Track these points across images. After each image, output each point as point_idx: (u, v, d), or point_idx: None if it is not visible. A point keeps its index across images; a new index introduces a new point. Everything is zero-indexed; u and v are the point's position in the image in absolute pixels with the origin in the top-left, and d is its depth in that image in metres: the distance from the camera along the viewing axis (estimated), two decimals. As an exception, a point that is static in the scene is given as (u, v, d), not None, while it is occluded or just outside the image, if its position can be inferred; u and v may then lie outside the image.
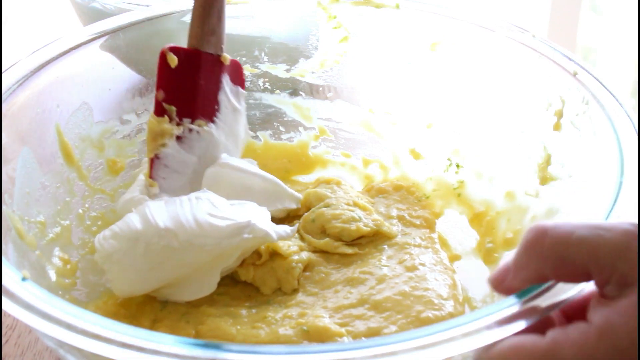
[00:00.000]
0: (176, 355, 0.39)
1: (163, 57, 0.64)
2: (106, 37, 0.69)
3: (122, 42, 0.70)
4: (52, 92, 0.65)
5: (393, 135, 0.76)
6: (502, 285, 0.43)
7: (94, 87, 0.69)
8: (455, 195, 0.71)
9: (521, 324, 0.40)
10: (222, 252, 0.59)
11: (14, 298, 0.43)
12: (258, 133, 0.79)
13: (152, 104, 0.73)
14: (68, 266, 0.62)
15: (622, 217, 0.47)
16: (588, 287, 0.41)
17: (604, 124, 0.56)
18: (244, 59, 0.77)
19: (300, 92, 0.79)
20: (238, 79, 0.69)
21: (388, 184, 0.74)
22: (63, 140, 0.66)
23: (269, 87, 0.78)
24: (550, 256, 0.41)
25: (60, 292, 0.59)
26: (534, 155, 0.64)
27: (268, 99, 0.79)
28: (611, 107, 0.57)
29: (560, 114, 0.62)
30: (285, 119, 0.79)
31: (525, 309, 0.41)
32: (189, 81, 0.65)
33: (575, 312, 0.42)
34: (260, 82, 0.78)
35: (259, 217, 0.61)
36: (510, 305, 0.41)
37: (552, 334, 0.40)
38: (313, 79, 0.78)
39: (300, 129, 0.79)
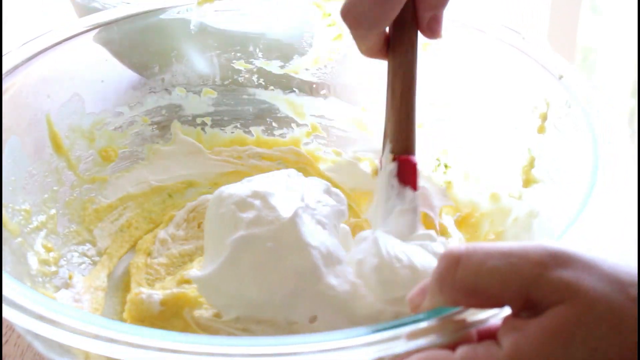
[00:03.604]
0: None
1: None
2: (99, 29, 0.69)
3: (116, 36, 0.71)
4: (44, 83, 0.66)
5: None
6: (417, 309, 0.42)
7: (87, 78, 0.70)
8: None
9: (432, 339, 0.40)
10: None
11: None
12: (251, 128, 0.79)
13: (145, 97, 0.75)
14: (51, 254, 0.62)
15: (543, 240, 0.42)
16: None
17: (583, 127, 0.56)
18: (238, 54, 0.77)
19: (294, 89, 0.79)
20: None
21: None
22: (53, 130, 0.66)
23: (263, 83, 0.79)
24: (461, 287, 0.39)
25: (40, 279, 0.60)
26: (519, 157, 0.64)
27: (262, 94, 0.79)
28: (591, 110, 0.57)
29: (544, 117, 0.62)
30: (278, 115, 0.79)
31: (437, 324, 0.40)
32: None
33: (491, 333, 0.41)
34: (255, 78, 0.78)
35: None
36: (422, 319, 0.40)
37: (461, 351, 0.39)
38: (307, 76, 0.78)
39: (293, 125, 0.79)
